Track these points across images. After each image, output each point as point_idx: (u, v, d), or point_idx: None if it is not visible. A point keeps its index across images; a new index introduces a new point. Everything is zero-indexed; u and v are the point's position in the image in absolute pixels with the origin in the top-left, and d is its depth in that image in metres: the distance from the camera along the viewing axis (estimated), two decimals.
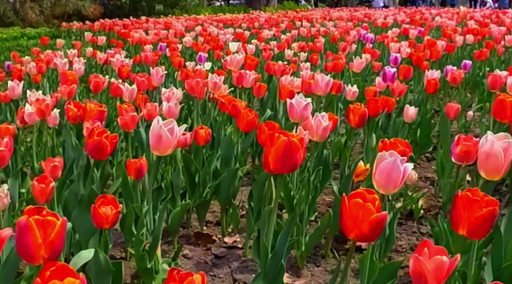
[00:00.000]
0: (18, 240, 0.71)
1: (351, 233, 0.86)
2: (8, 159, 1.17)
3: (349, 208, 0.85)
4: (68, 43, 5.73)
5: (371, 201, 0.86)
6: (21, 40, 8.77)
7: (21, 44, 8.34)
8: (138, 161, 1.40)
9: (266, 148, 1.01)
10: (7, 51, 7.00)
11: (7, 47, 7.88)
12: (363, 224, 0.84)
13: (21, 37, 9.10)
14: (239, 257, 1.70)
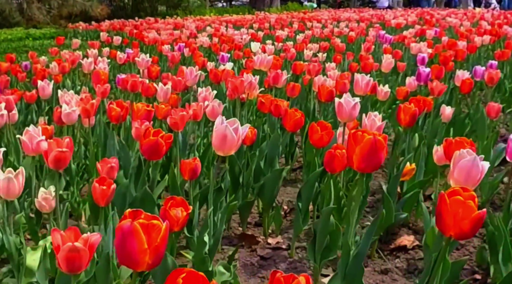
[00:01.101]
0: (121, 246, 0.69)
1: (450, 230, 0.84)
2: (69, 160, 1.14)
3: (450, 206, 0.83)
4: (83, 44, 5.68)
5: (470, 198, 0.84)
6: (26, 41, 8.73)
7: (27, 44, 8.29)
8: (193, 162, 1.37)
9: (349, 146, 0.98)
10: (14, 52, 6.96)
11: (13, 48, 7.84)
12: (464, 222, 0.83)
13: (26, 38, 9.05)
14: (285, 258, 1.67)
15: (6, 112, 1.74)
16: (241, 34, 4.90)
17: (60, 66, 3.08)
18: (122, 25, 7.30)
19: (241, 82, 1.83)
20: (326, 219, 1.34)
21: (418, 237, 1.82)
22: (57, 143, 1.11)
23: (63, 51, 4.17)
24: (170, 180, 1.51)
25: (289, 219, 1.95)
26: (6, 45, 8.06)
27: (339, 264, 1.09)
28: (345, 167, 1.34)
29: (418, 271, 1.61)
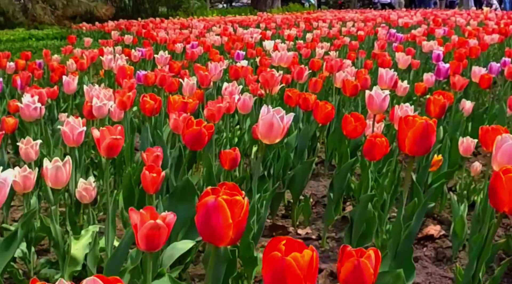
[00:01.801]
0: (205, 221, 0.71)
1: (504, 206, 0.88)
2: (120, 148, 1.17)
3: (505, 182, 0.86)
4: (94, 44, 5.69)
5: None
6: (30, 41, 8.72)
7: (30, 45, 8.28)
8: (233, 152, 1.40)
9: (401, 130, 1.01)
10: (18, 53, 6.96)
11: (17, 48, 7.83)
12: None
13: (29, 39, 9.04)
14: (317, 248, 1.70)
15: (40, 105, 1.77)
16: (252, 33, 4.94)
17: (78, 63, 3.11)
18: (129, 25, 7.32)
19: (271, 76, 1.86)
20: (364, 206, 1.37)
21: (443, 227, 1.85)
22: (109, 130, 1.14)
23: (75, 49, 4.20)
24: (206, 169, 1.54)
25: (314, 211, 1.99)
26: (10, 45, 8.04)
27: (389, 245, 1.12)
28: (384, 155, 1.37)
29: (446, 259, 1.64)
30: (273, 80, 1.89)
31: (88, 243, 1.45)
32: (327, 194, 1.66)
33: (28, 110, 1.76)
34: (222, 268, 1.17)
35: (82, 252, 1.43)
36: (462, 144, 1.80)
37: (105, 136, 1.12)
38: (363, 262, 0.76)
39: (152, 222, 0.74)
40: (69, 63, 3.24)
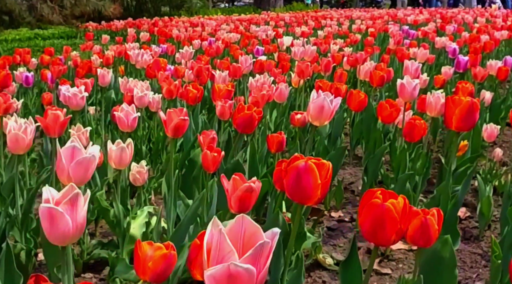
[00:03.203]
0: (296, 183, 0.81)
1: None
2: (186, 129, 1.27)
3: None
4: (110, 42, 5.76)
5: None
6: (36, 41, 8.77)
7: (38, 44, 8.34)
8: (280, 136, 1.51)
9: (447, 109, 1.12)
10: None
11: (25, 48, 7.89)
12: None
13: (35, 38, 9.09)
14: (350, 229, 1.81)
15: (86, 94, 1.87)
16: (266, 30, 5.04)
17: (104, 58, 3.21)
18: (139, 23, 7.42)
19: (307, 66, 1.97)
20: (403, 186, 1.47)
21: (468, 209, 1.95)
22: (175, 112, 1.24)
23: (95, 46, 4.30)
24: (250, 152, 1.64)
25: (344, 196, 2.09)
26: (17, 45, 8.10)
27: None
28: (422, 136, 1.47)
29: (473, 238, 1.74)
30: (308, 71, 1.99)
31: (144, 222, 1.56)
32: (362, 177, 1.77)
33: (75, 99, 1.85)
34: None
35: (138, 231, 1.53)
36: (486, 130, 1.91)
37: (172, 118, 1.22)
38: (429, 219, 0.86)
39: (247, 185, 0.84)
40: (94, 59, 3.34)
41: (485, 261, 1.61)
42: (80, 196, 0.74)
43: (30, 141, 1.42)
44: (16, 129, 1.40)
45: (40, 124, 1.41)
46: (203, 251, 0.54)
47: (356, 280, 0.80)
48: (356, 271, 0.81)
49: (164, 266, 0.79)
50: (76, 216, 0.74)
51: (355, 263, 0.81)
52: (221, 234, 0.52)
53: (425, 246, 0.87)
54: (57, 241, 0.75)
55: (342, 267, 0.84)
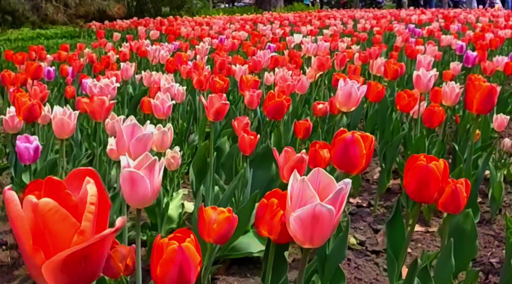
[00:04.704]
0: (343, 153, 0.91)
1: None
2: (225, 112, 1.36)
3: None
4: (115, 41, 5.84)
5: None
6: (39, 40, 8.83)
7: (41, 43, 8.41)
8: (306, 122, 1.61)
9: (468, 93, 1.22)
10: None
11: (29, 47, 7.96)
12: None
13: (38, 38, 9.15)
14: (369, 214, 1.91)
15: (118, 85, 1.97)
16: (274, 29, 5.14)
17: (121, 54, 3.31)
18: (146, 22, 7.51)
19: (327, 59, 2.07)
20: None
21: (480, 196, 2.05)
22: (216, 97, 1.33)
23: (108, 44, 4.39)
24: (276, 138, 1.74)
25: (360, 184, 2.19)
26: (21, 44, 8.16)
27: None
28: (440, 122, 1.57)
29: (485, 221, 1.85)
30: (328, 64, 2.09)
31: (180, 204, 1.66)
32: (380, 164, 1.87)
33: (108, 90, 1.95)
34: None
35: (176, 211, 1.63)
36: (497, 120, 2.01)
37: (214, 103, 1.32)
38: (459, 188, 0.96)
39: (299, 155, 0.94)
40: (110, 55, 3.44)
41: (497, 242, 1.71)
42: (156, 163, 0.84)
43: (74, 126, 1.52)
44: (61, 114, 1.50)
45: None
46: (286, 199, 0.64)
47: (400, 235, 0.90)
48: (399, 228, 0.91)
49: (228, 227, 0.89)
50: (153, 180, 0.83)
51: (399, 221, 0.91)
52: (304, 182, 0.62)
53: (455, 212, 0.97)
54: (135, 203, 0.85)
55: (387, 225, 0.94)
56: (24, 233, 0.32)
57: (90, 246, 0.33)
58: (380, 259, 1.60)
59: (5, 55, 4.10)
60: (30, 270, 0.34)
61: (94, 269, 0.35)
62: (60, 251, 0.32)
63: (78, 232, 0.32)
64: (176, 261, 0.60)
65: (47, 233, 0.32)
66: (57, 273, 0.32)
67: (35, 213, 0.32)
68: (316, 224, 0.60)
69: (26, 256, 0.33)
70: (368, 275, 1.51)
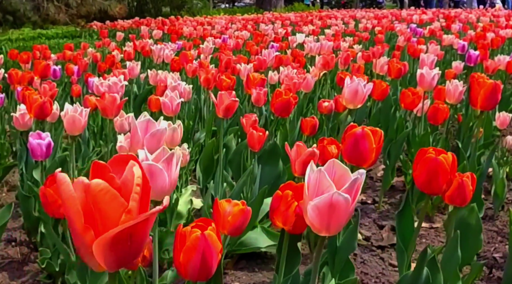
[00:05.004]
0: (353, 147, 0.94)
1: None
2: (235, 109, 1.39)
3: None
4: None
5: None
6: (41, 40, 8.84)
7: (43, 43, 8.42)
8: (313, 120, 1.63)
9: (473, 90, 1.25)
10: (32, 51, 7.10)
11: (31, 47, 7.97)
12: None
13: (39, 37, 9.16)
14: (374, 210, 1.94)
15: (126, 83, 2.00)
16: (276, 28, 5.17)
17: (125, 53, 3.33)
18: (148, 23, 7.55)
19: (332, 58, 2.10)
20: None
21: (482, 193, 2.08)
22: (226, 95, 1.36)
23: (112, 43, 4.42)
24: (282, 136, 1.77)
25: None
26: (22, 44, 8.17)
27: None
28: (444, 120, 1.60)
29: (488, 217, 1.87)
30: (333, 62, 2.12)
31: (189, 200, 1.68)
32: (384, 161, 1.90)
33: (116, 88, 1.98)
34: None
35: (184, 207, 1.66)
36: (499, 118, 2.04)
37: (223, 100, 1.35)
38: (465, 181, 0.99)
39: (310, 150, 0.97)
40: (114, 54, 3.47)
41: (500, 237, 1.74)
42: (174, 156, 0.86)
43: (85, 123, 1.55)
44: (73, 111, 1.52)
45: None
46: (303, 189, 0.67)
47: (409, 227, 0.93)
48: (408, 220, 0.94)
49: (242, 219, 0.92)
50: (171, 173, 0.86)
51: (408, 213, 0.94)
52: (321, 172, 0.65)
53: (461, 205, 1.00)
54: (153, 196, 0.87)
55: (397, 218, 0.97)
56: (76, 212, 0.34)
57: (136, 225, 0.35)
58: (385, 254, 1.63)
59: (9, 55, 4.13)
60: (79, 249, 0.36)
61: (138, 247, 0.37)
62: (108, 229, 0.35)
63: (126, 211, 0.35)
64: (199, 248, 0.63)
65: (96, 213, 0.35)
66: (106, 250, 0.35)
67: (87, 193, 0.34)
68: (333, 212, 0.63)
69: (77, 235, 0.35)
70: (374, 270, 1.53)
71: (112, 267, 0.37)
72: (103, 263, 0.36)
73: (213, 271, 0.65)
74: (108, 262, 0.36)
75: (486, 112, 1.38)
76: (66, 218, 0.36)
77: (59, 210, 0.95)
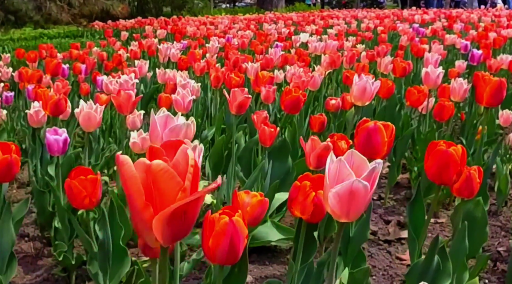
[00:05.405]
0: (366, 141, 0.98)
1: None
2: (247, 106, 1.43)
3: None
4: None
5: None
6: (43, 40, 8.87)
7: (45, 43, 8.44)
8: (321, 117, 1.68)
9: (479, 88, 1.29)
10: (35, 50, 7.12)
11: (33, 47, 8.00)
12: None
13: (40, 37, 9.18)
14: (380, 206, 1.98)
15: (137, 80, 2.04)
16: (279, 28, 5.22)
17: (132, 52, 3.38)
18: (150, 22, 7.59)
19: (338, 57, 2.14)
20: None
21: None
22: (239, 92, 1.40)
23: (117, 43, 4.46)
24: (291, 132, 1.81)
25: None
26: (24, 43, 8.20)
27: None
28: (450, 116, 1.64)
29: (492, 213, 1.92)
30: (339, 61, 2.16)
31: None
32: (389, 158, 1.94)
33: (127, 85, 2.02)
34: None
35: None
36: (502, 116, 2.08)
37: (236, 97, 1.39)
38: (473, 174, 1.03)
39: (325, 143, 1.01)
40: (121, 53, 3.51)
41: (504, 232, 1.78)
42: (197, 148, 0.90)
43: (100, 119, 1.59)
44: (88, 108, 1.57)
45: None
46: (324, 178, 0.71)
47: (421, 216, 0.97)
48: (420, 209, 0.98)
49: (260, 210, 0.96)
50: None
51: (420, 203, 0.98)
52: (341, 161, 0.69)
53: (469, 197, 1.04)
54: None
55: (409, 207, 1.02)
56: (137, 190, 0.38)
57: (190, 202, 0.39)
58: (392, 248, 1.67)
59: (16, 54, 4.17)
60: (137, 225, 0.40)
61: (190, 224, 0.41)
62: (165, 207, 0.39)
63: (182, 190, 0.39)
64: (227, 233, 0.67)
65: (155, 191, 0.39)
66: (164, 225, 0.39)
67: (148, 173, 0.38)
68: (352, 199, 0.67)
69: (137, 211, 0.39)
70: (382, 263, 1.58)
71: (168, 241, 0.41)
72: (160, 237, 0.40)
73: (240, 255, 0.69)
74: (165, 236, 0.40)
75: (490, 110, 1.42)
76: (127, 197, 0.40)
77: (84, 201, 0.99)
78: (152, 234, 0.40)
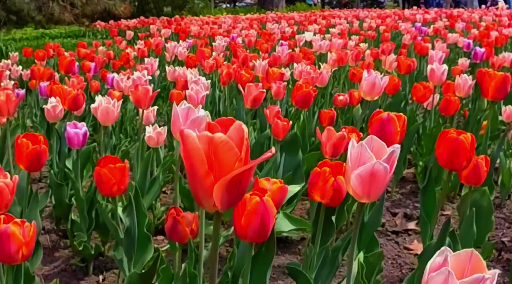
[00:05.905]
0: (380, 131, 1.03)
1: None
2: (261, 100, 1.49)
3: None
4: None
5: None
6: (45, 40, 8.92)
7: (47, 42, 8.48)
8: (331, 111, 1.73)
9: (484, 82, 1.34)
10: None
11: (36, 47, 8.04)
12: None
13: (42, 37, 9.22)
14: (387, 199, 2.03)
15: (150, 77, 2.09)
16: (283, 27, 5.28)
17: (139, 51, 3.43)
18: (153, 22, 7.65)
19: (345, 54, 2.20)
20: None
21: None
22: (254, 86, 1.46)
23: (123, 42, 4.52)
24: (301, 127, 1.87)
25: None
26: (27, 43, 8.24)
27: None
28: (455, 111, 1.70)
29: (496, 206, 1.97)
30: (346, 58, 2.22)
31: None
32: None
33: (140, 82, 2.08)
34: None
35: None
36: (505, 111, 2.13)
37: (251, 91, 1.44)
38: (480, 162, 1.08)
39: (340, 133, 1.07)
40: (128, 51, 3.57)
41: (508, 223, 1.84)
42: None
43: (117, 114, 1.65)
44: (106, 103, 1.62)
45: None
46: (346, 162, 0.76)
47: (432, 201, 1.03)
48: (431, 194, 1.04)
49: (280, 196, 1.01)
50: None
51: (431, 188, 1.04)
52: (362, 146, 0.74)
53: (476, 185, 1.09)
54: None
55: (421, 192, 1.07)
56: (200, 160, 0.44)
57: (244, 172, 0.45)
58: (400, 239, 1.73)
59: (24, 53, 4.23)
60: (198, 192, 0.46)
61: (243, 192, 0.47)
62: (224, 175, 0.44)
63: (238, 160, 0.44)
64: (258, 211, 0.72)
65: (216, 161, 0.44)
66: (223, 191, 0.44)
67: (210, 144, 0.44)
68: (373, 180, 0.72)
69: (199, 180, 0.45)
70: (390, 252, 1.63)
71: (225, 206, 0.46)
72: (219, 202, 0.45)
73: (269, 233, 0.75)
74: (223, 202, 0.45)
75: (495, 104, 1.48)
76: (189, 168, 0.45)
77: (112, 188, 1.04)
78: (212, 200, 0.45)
